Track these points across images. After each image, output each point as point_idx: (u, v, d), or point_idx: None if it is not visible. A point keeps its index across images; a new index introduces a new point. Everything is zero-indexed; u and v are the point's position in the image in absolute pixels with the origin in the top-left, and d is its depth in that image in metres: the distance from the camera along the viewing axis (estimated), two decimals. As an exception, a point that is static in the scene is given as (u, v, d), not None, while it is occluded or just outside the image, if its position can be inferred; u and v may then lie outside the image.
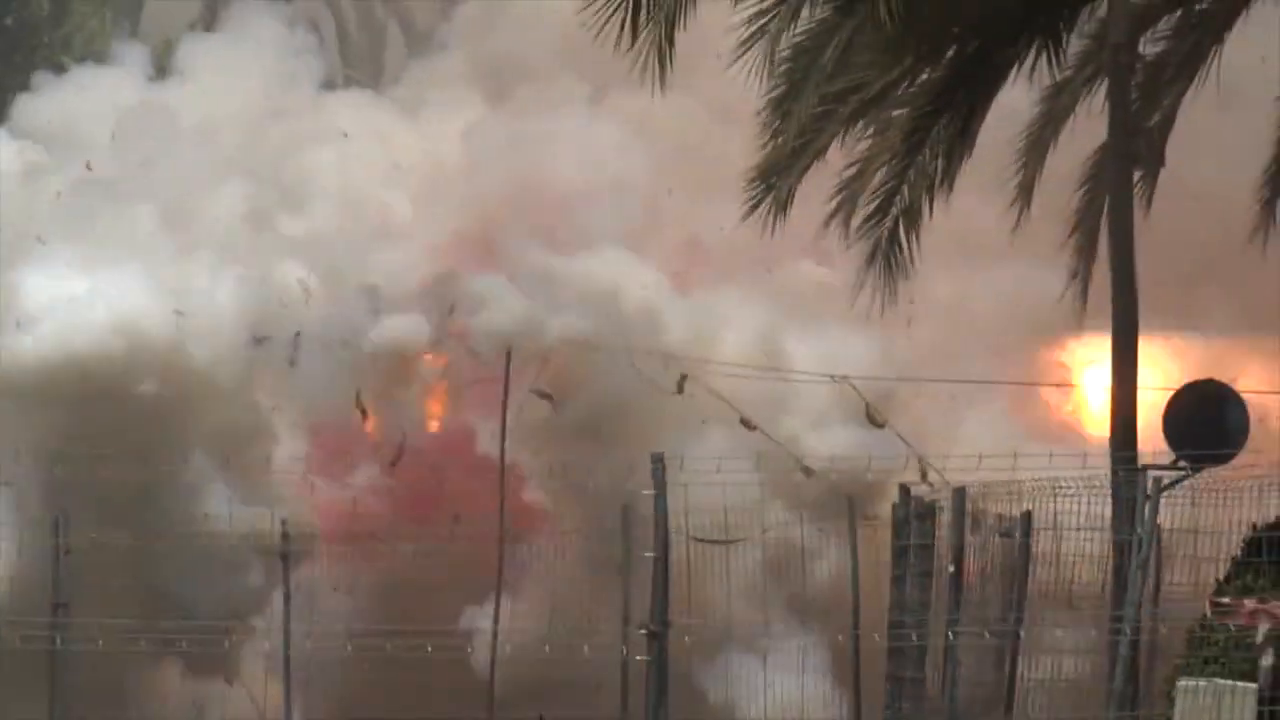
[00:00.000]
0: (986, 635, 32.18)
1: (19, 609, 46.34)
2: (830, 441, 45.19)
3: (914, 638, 32.67)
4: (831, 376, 44.04)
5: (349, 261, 55.78)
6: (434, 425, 55.30)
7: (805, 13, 31.77)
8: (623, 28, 30.61)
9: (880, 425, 42.43)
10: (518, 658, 40.19)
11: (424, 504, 51.24)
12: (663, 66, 31.03)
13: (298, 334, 52.67)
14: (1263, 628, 25.95)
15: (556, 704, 39.54)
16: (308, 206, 58.70)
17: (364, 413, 51.60)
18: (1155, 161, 36.32)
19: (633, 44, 30.80)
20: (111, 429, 51.31)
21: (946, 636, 31.80)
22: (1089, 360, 42.16)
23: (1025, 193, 37.17)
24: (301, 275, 55.68)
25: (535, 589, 44.80)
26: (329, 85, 66.17)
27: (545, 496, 47.04)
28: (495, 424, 50.43)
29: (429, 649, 37.71)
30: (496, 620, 41.88)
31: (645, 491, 24.54)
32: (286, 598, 45.73)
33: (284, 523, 48.28)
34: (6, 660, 44.27)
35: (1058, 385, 45.32)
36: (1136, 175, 36.29)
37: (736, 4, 31.76)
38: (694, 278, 52.57)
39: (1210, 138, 40.74)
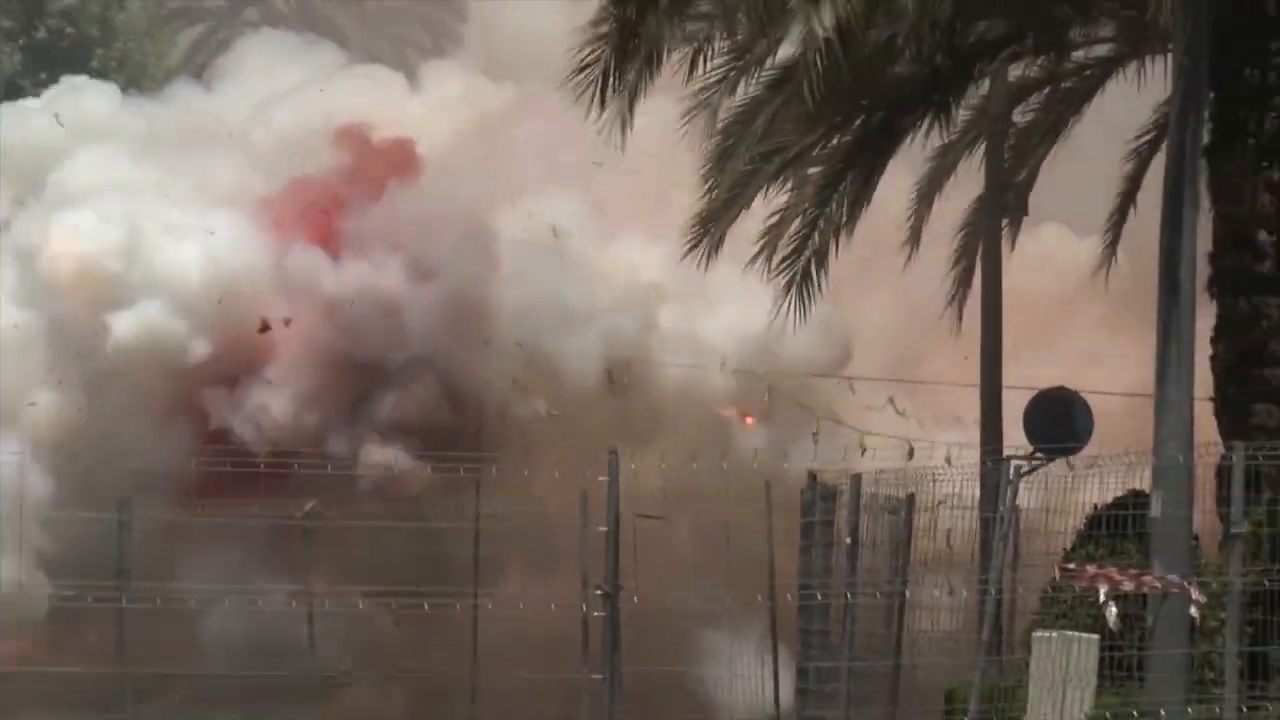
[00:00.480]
0: (878, 595, 34.00)
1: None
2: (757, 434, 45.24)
3: (819, 597, 34.11)
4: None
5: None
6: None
7: (741, 89, 33.84)
8: (592, 100, 32.45)
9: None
10: (498, 615, 39.38)
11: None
12: (623, 132, 32.80)
13: None
14: (1102, 588, 27.56)
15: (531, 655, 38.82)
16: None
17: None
18: (1020, 210, 39.05)
19: (601, 113, 32.37)
20: None
21: (846, 597, 33.34)
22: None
23: (915, 234, 39.50)
24: None
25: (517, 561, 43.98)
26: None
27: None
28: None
29: (425, 606, 36.84)
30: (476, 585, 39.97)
31: (601, 478, 25.17)
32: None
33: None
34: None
35: (944, 384, 45.09)
36: (1005, 220, 39.44)
37: (686, 82, 33.41)
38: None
39: (1065, 191, 42.49)
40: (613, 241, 51.62)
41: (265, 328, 50.65)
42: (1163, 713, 26.56)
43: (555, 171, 48.14)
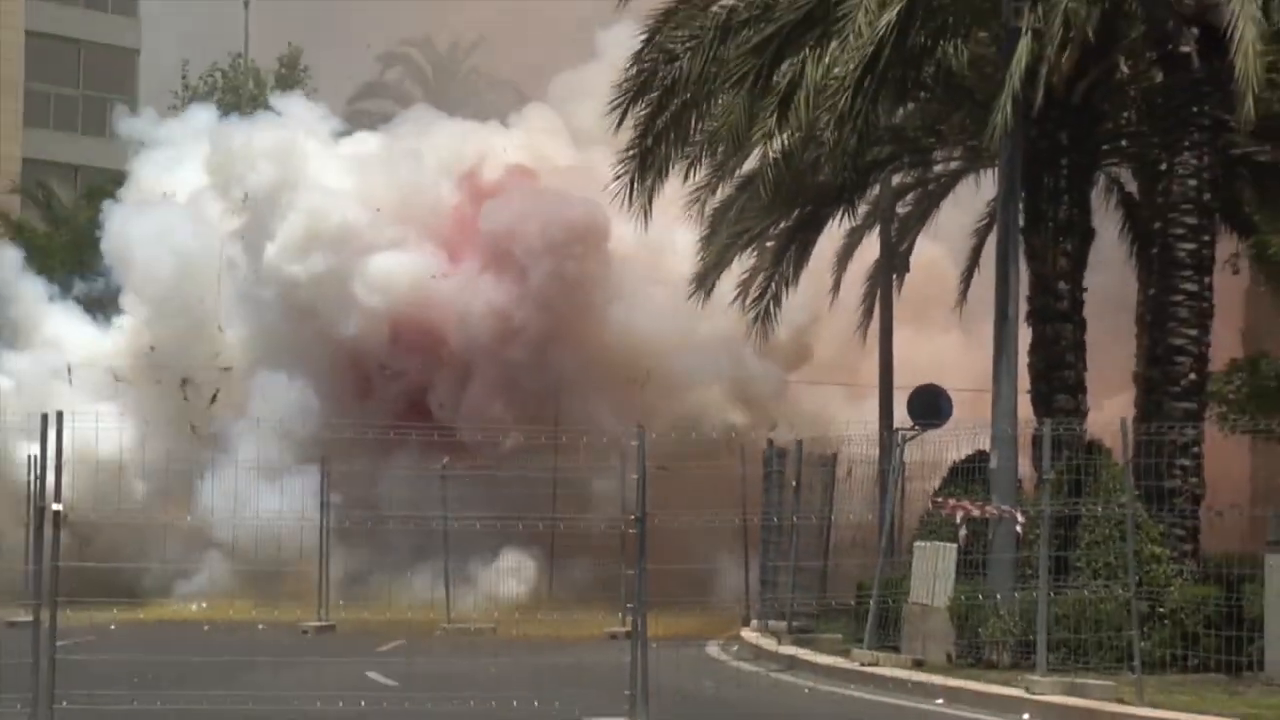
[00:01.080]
0: (813, 519, 34.10)
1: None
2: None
3: (774, 520, 34.45)
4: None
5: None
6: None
7: (720, 191, 33.66)
8: (625, 197, 32.27)
9: None
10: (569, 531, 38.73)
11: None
12: (646, 216, 32.89)
13: None
14: (959, 515, 27.58)
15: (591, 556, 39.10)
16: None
17: None
18: (904, 268, 38.64)
19: (631, 201, 32.41)
20: None
21: (792, 520, 33.51)
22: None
23: (836, 284, 39.25)
24: None
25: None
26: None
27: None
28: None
29: (520, 526, 35.46)
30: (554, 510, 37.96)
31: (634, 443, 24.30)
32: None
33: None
34: None
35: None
36: (894, 275, 39.41)
37: (684, 183, 33.18)
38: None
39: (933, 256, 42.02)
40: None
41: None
42: (998, 596, 26.54)
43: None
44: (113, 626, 35.24)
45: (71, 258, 56.16)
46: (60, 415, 20.18)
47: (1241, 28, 24.69)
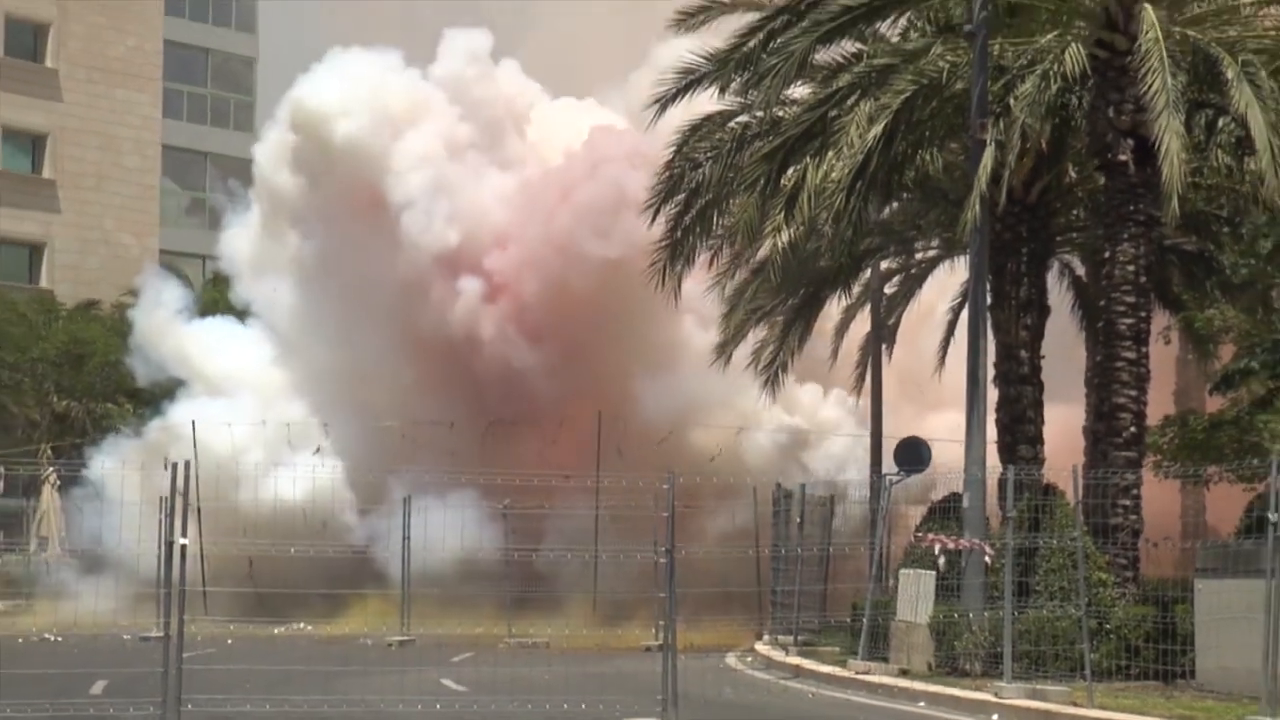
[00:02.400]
0: (815, 550, 33.90)
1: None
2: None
3: (782, 551, 34.20)
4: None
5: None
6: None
7: (736, 275, 33.83)
8: (659, 280, 32.19)
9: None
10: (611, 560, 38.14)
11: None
12: (676, 297, 32.85)
13: None
14: (937, 546, 27.13)
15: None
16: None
17: None
18: (891, 340, 38.45)
19: (662, 286, 32.37)
20: None
21: (797, 551, 33.18)
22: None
23: (835, 352, 39.03)
24: None
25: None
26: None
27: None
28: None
29: (569, 556, 35.62)
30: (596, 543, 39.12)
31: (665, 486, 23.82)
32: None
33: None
34: None
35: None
36: (884, 345, 39.39)
37: (708, 269, 33.85)
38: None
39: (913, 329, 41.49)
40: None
41: None
42: (971, 614, 26.44)
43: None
44: (229, 641, 35.24)
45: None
46: (188, 464, 20.24)
47: (1168, 141, 24.73)
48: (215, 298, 56.08)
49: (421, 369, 45.30)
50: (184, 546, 19.05)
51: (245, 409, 44.82)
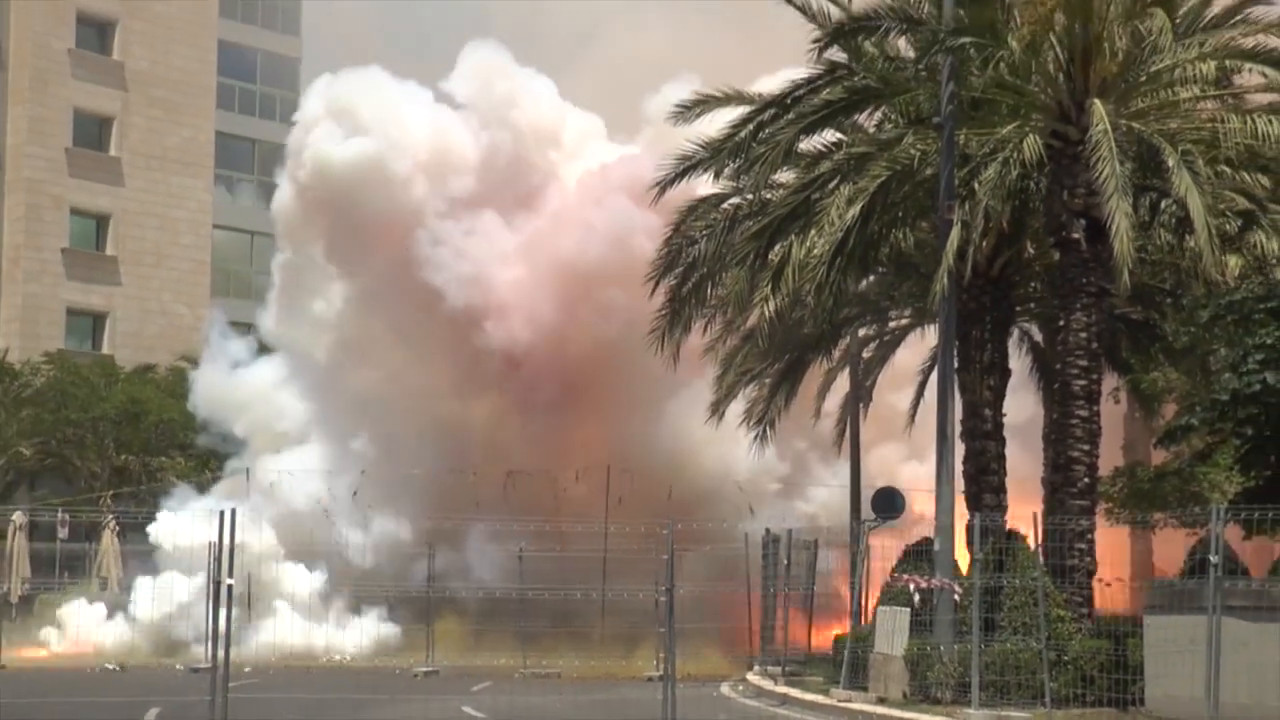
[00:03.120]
0: (800, 590, 34.43)
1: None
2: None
3: (772, 590, 34.34)
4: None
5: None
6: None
7: (728, 341, 33.82)
8: (659, 344, 32.03)
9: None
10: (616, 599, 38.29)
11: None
12: (675, 360, 32.33)
13: None
14: (911, 586, 27.23)
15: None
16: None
17: None
18: (868, 399, 38.14)
19: (661, 350, 32.05)
20: None
21: (784, 589, 33.57)
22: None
23: (818, 410, 38.51)
24: None
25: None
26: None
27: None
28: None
29: (579, 595, 35.22)
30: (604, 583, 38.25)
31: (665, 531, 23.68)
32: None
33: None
34: None
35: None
36: (861, 404, 39.39)
37: (703, 336, 33.47)
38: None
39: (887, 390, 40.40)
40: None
41: None
42: (941, 647, 26.27)
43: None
44: (270, 670, 35.26)
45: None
46: (234, 511, 20.29)
47: (1118, 221, 24.74)
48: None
49: (445, 413, 44.63)
50: (230, 586, 19.09)
51: (306, 458, 44.76)
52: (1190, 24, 28.24)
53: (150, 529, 43.48)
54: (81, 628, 42.43)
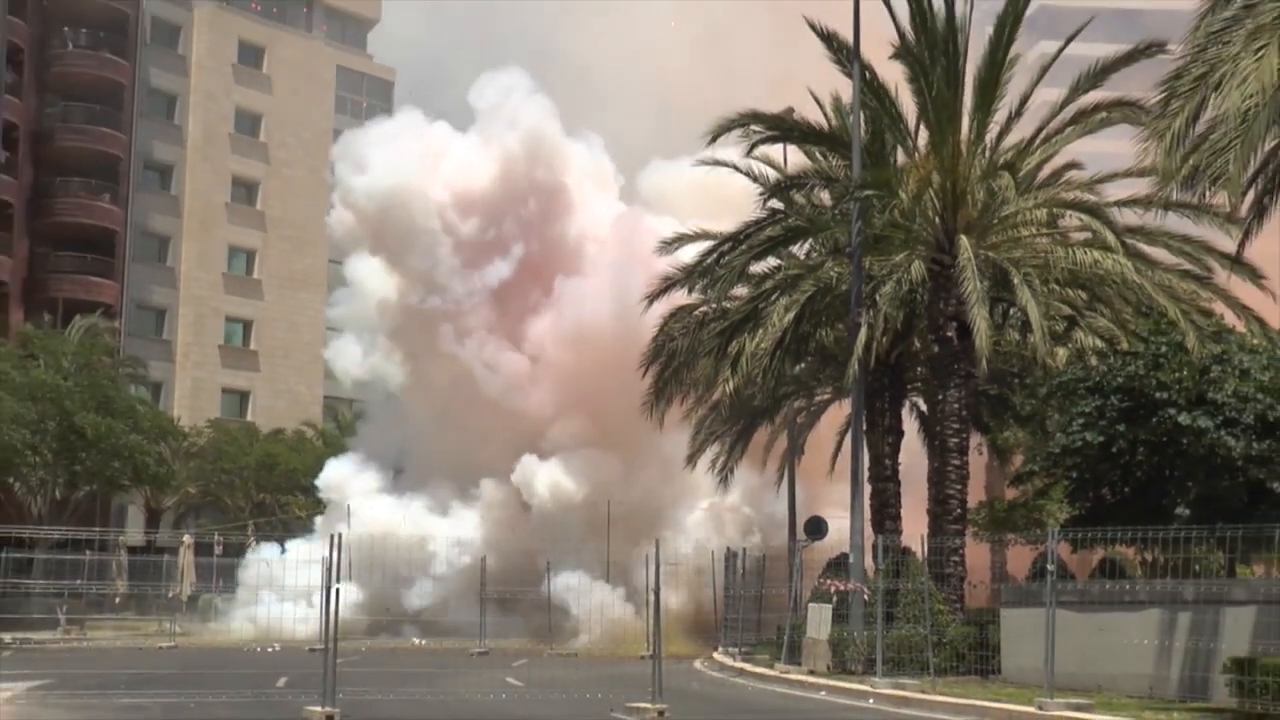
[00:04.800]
0: (753, 592, 33.59)
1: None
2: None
3: (730, 592, 33.41)
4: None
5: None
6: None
7: (699, 411, 33.51)
8: (649, 414, 32.41)
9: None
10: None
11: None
12: (660, 425, 32.96)
13: None
14: (833, 588, 27.28)
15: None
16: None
17: None
18: (800, 452, 37.70)
19: (651, 418, 32.37)
20: None
21: (740, 592, 33.03)
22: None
23: (764, 461, 37.81)
24: None
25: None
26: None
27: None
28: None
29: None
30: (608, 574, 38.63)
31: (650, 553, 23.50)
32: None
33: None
34: None
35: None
36: (796, 456, 39.13)
37: (681, 406, 33.12)
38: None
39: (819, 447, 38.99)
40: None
41: None
42: (854, 633, 26.12)
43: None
44: (363, 649, 35.07)
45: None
46: (340, 535, 20.31)
47: (978, 324, 24.76)
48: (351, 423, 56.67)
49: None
50: (338, 590, 19.05)
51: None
52: (1028, 182, 28.44)
53: (286, 545, 43.89)
54: (231, 617, 42.73)
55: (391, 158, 44.01)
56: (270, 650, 34.88)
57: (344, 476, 46.14)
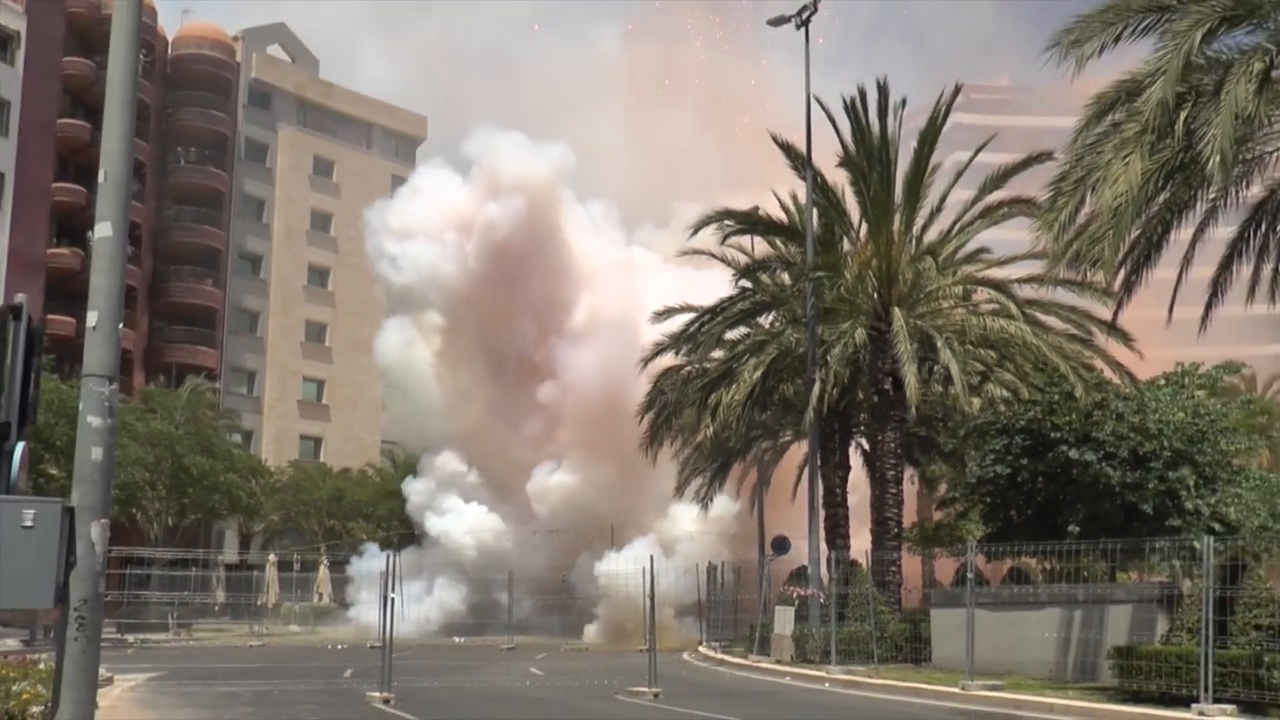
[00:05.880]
0: (730, 598, 32.87)
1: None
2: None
3: (713, 597, 33.06)
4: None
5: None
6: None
7: (685, 451, 33.08)
8: (645, 453, 32.53)
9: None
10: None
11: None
12: (653, 460, 32.46)
13: None
14: (795, 594, 26.97)
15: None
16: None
17: None
18: (768, 485, 37.68)
19: (646, 456, 32.61)
20: None
21: (719, 596, 32.99)
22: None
23: (737, 492, 37.73)
24: None
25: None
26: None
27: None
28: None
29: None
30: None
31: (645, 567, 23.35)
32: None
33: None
34: None
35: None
36: (764, 488, 39.17)
37: (670, 447, 33.06)
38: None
39: (782, 479, 39.72)
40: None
41: None
42: (814, 629, 25.68)
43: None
44: (416, 648, 34.82)
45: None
46: (397, 554, 20.35)
47: (909, 379, 24.88)
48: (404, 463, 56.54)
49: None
50: (393, 599, 19.03)
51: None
52: (947, 264, 28.60)
53: (351, 563, 43.47)
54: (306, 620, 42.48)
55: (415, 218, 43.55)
56: (339, 648, 34.66)
57: (422, 493, 45.21)
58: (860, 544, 29.06)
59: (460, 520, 42.47)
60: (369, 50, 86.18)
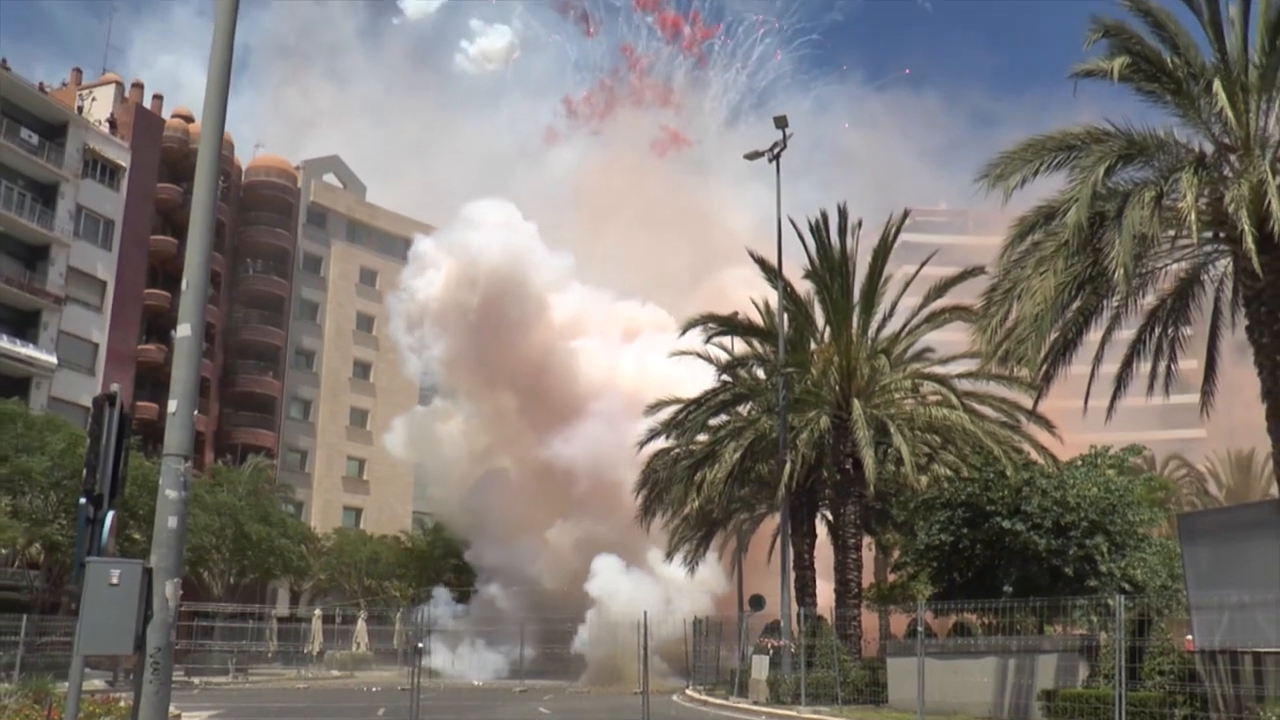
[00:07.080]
0: (714, 647, 33.34)
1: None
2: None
3: (699, 649, 32.85)
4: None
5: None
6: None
7: (674, 522, 32.40)
8: (642, 519, 32.22)
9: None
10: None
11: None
12: (647, 532, 33.11)
13: None
14: (769, 645, 26.50)
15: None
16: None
17: None
18: (746, 551, 36.83)
19: (640, 525, 32.19)
20: None
21: (702, 648, 33.29)
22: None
23: (722, 552, 37.32)
24: None
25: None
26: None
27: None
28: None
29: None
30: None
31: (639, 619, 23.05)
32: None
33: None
34: None
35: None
36: (743, 554, 38.82)
37: (662, 517, 32.30)
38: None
39: (760, 541, 38.58)
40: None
41: None
42: (785, 675, 25.42)
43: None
44: (441, 690, 34.15)
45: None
46: (427, 609, 20.22)
47: (866, 460, 24.89)
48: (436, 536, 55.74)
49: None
50: (420, 647, 18.86)
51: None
52: (898, 361, 28.61)
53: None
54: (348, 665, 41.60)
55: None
56: (374, 690, 34.12)
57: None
58: (825, 601, 28.70)
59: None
60: (411, 167, 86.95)
